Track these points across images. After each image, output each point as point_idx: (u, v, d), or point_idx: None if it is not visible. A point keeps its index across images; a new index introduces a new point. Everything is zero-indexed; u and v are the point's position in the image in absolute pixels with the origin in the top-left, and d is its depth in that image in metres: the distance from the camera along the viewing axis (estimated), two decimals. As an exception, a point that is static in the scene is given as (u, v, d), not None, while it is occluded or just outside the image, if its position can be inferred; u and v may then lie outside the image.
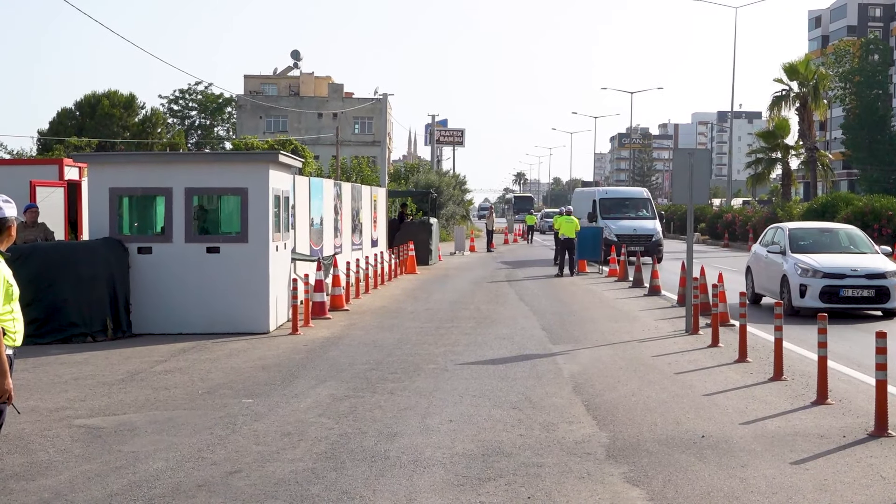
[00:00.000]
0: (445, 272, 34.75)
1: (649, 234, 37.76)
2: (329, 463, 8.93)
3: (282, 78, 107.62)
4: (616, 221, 38.43)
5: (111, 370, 13.95)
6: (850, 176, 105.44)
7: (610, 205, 39.75)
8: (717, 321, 16.54)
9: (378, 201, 34.32)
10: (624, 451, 9.37)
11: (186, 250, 17.57)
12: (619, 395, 12.08)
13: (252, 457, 9.14)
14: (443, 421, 10.62)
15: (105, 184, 17.71)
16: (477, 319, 20.01)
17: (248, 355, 15.27)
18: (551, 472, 8.60)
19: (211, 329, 17.50)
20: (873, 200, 42.27)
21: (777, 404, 11.52)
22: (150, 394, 12.20)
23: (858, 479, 8.43)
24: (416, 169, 70.95)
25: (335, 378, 13.25)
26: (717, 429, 10.25)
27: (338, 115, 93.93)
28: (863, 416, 10.77)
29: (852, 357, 14.90)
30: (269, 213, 17.67)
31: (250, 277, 17.57)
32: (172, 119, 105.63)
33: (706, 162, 18.47)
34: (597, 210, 39.10)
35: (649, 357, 15.14)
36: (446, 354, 15.30)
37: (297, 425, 10.43)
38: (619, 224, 38.13)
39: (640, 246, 36.03)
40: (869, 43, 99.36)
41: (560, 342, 16.75)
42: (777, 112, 58.35)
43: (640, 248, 35.39)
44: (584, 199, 42.63)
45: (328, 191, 25.19)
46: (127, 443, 9.71)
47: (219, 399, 11.87)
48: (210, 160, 19.52)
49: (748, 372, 13.69)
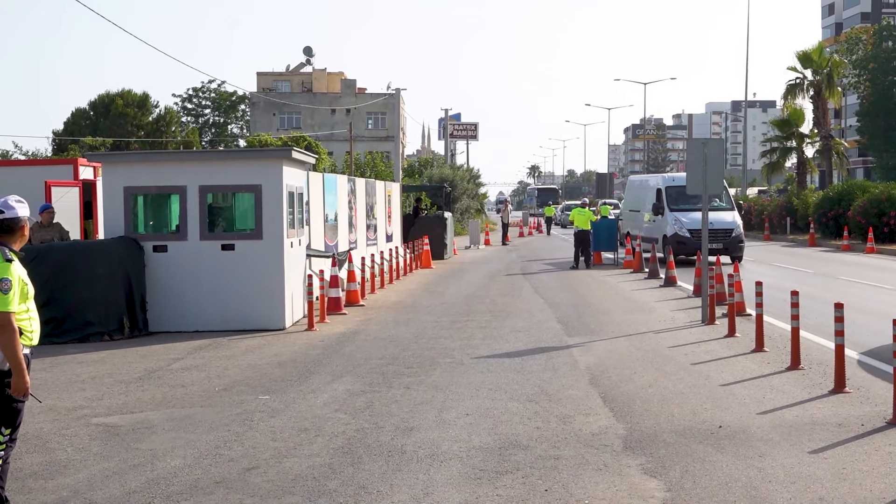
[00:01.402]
0: (461, 266, 34.73)
1: (728, 229, 31.29)
2: (346, 458, 8.93)
3: (294, 75, 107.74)
4: (687, 214, 31.66)
5: (128, 368, 14.00)
6: (865, 164, 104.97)
7: (677, 194, 32.24)
8: (734, 311, 16.49)
9: (392, 196, 34.30)
10: (641, 442, 9.35)
11: (201, 248, 17.61)
12: (635, 387, 12.05)
13: (269, 453, 9.16)
14: (459, 415, 10.61)
15: (119, 183, 17.76)
16: (492, 313, 20.00)
17: (264, 352, 15.29)
18: (568, 465, 8.59)
19: (227, 326, 17.54)
20: (889, 188, 42.04)
21: (794, 393, 11.47)
22: (167, 391, 12.23)
23: (877, 468, 8.39)
24: (429, 163, 70.95)
25: (351, 373, 13.26)
26: (735, 419, 10.22)
27: (351, 110, 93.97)
28: (881, 404, 10.71)
29: (869, 344, 14.81)
30: (283, 209, 17.69)
31: (265, 274, 17.60)
32: (186, 117, 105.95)
33: (720, 152, 18.39)
34: (663, 200, 32.65)
35: (665, 348, 15.10)
36: (462, 348, 15.30)
37: (313, 421, 10.44)
38: (692, 217, 30.94)
39: (717, 243, 29.90)
40: (882, 29, 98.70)
41: (576, 334, 16.72)
42: (791, 100, 58.05)
43: (718, 246, 29.71)
44: (642, 189, 36.24)
45: (342, 186, 25.20)
46: (144, 440, 9.74)
47: (235, 396, 11.89)
48: (223, 158, 19.54)
49: (765, 361, 13.64)
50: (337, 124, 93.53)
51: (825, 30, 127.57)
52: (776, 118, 61.97)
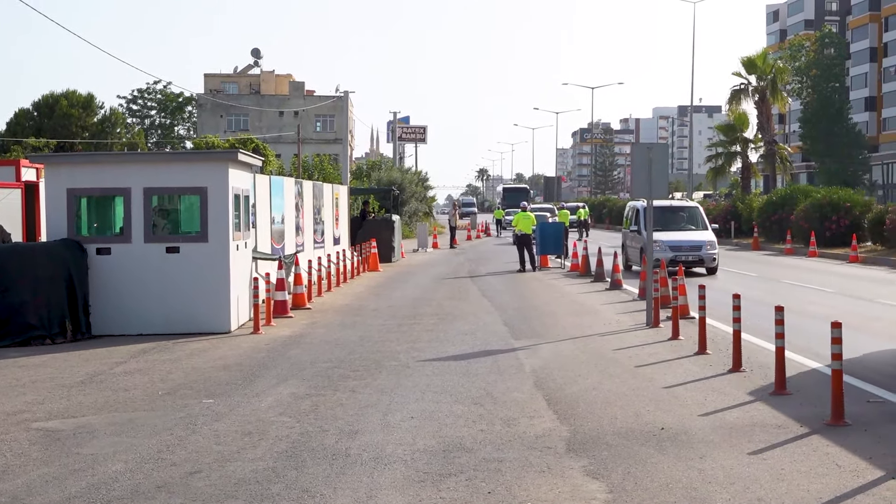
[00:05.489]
0: (408, 269, 34.74)
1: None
2: (290, 462, 8.91)
3: (242, 76, 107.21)
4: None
5: (70, 372, 13.84)
6: (808, 168, 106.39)
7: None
8: (678, 314, 16.66)
9: (340, 199, 34.24)
10: (584, 444, 9.42)
11: (146, 250, 17.47)
12: (579, 389, 12.13)
13: (212, 457, 9.11)
14: (404, 418, 10.62)
15: (63, 184, 17.57)
16: (439, 316, 20.03)
17: (208, 355, 15.20)
18: (512, 467, 8.63)
19: (171, 329, 17.41)
20: (831, 192, 42.69)
21: (735, 395, 11.61)
22: (109, 395, 12.12)
23: (815, 468, 8.52)
24: (378, 166, 70.94)
25: (296, 377, 13.22)
26: (677, 421, 10.32)
27: (299, 113, 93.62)
28: (820, 405, 10.87)
29: (810, 347, 15.02)
30: (229, 212, 17.60)
31: (211, 277, 17.51)
32: (132, 119, 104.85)
33: (664, 156, 18.60)
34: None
35: (610, 351, 15.21)
36: (408, 351, 15.30)
37: (257, 424, 10.40)
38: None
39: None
40: (824, 37, 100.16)
41: (522, 337, 16.80)
42: (736, 106, 58.69)
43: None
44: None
45: (289, 189, 25.11)
46: (85, 445, 9.64)
47: (179, 400, 11.81)
48: (169, 160, 19.44)
49: (707, 364, 13.80)
50: (285, 126, 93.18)
51: (770, 36, 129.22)
52: (721, 123, 62.71)
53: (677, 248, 29.23)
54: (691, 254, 29.37)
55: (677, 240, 29.62)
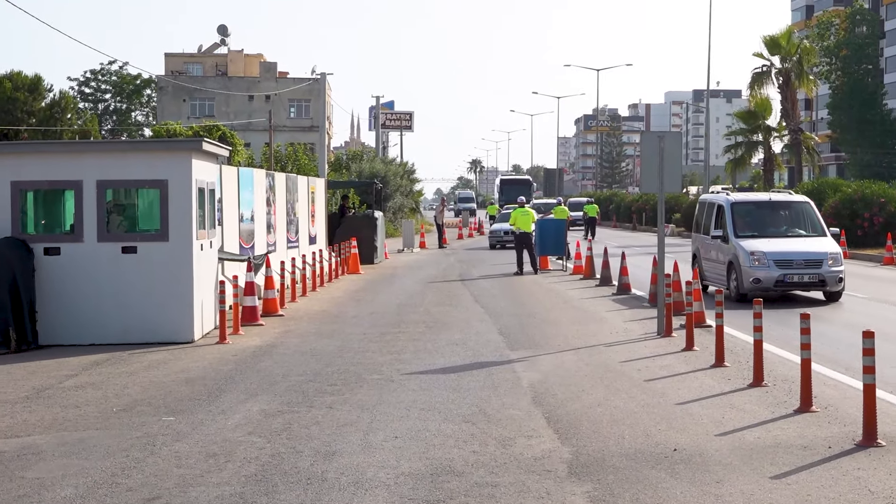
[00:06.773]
0: (392, 271, 34.76)
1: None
2: (259, 486, 8.90)
3: (207, 56, 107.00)
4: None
5: (14, 387, 13.82)
6: (838, 160, 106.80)
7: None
8: (692, 322, 16.68)
9: (316, 193, 34.24)
10: (588, 467, 9.43)
11: (99, 250, 17.44)
12: (583, 406, 12.15)
13: (173, 481, 9.10)
14: (387, 437, 10.63)
15: (6, 177, 17.52)
16: (427, 324, 20.04)
17: (169, 367, 15.19)
18: (507, 493, 8.64)
19: (127, 339, 17.38)
20: (863, 186, 42.78)
21: (757, 413, 11.64)
22: (58, 412, 12.10)
23: (845, 494, 8.54)
24: (359, 157, 70.84)
25: (267, 391, 13.22)
26: (691, 441, 10.34)
27: (271, 97, 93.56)
28: (850, 424, 10.91)
29: (839, 359, 15.07)
30: (193, 207, 17.58)
31: (172, 280, 17.49)
32: (84, 103, 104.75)
33: (677, 146, 18.63)
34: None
35: (617, 363, 15.24)
36: (392, 363, 15.31)
37: (223, 445, 10.39)
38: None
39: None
40: (855, 13, 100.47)
41: (519, 348, 16.82)
42: (757, 90, 58.88)
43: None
44: None
45: (259, 182, 25.10)
46: (31, 468, 9.63)
47: (136, 417, 11.80)
48: (125, 149, 19.44)
49: (725, 377, 13.83)
50: (255, 112, 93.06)
51: (795, 13, 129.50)
52: (741, 109, 62.98)
53: (786, 264, 22.80)
54: (807, 272, 22.77)
55: (786, 251, 23.11)
